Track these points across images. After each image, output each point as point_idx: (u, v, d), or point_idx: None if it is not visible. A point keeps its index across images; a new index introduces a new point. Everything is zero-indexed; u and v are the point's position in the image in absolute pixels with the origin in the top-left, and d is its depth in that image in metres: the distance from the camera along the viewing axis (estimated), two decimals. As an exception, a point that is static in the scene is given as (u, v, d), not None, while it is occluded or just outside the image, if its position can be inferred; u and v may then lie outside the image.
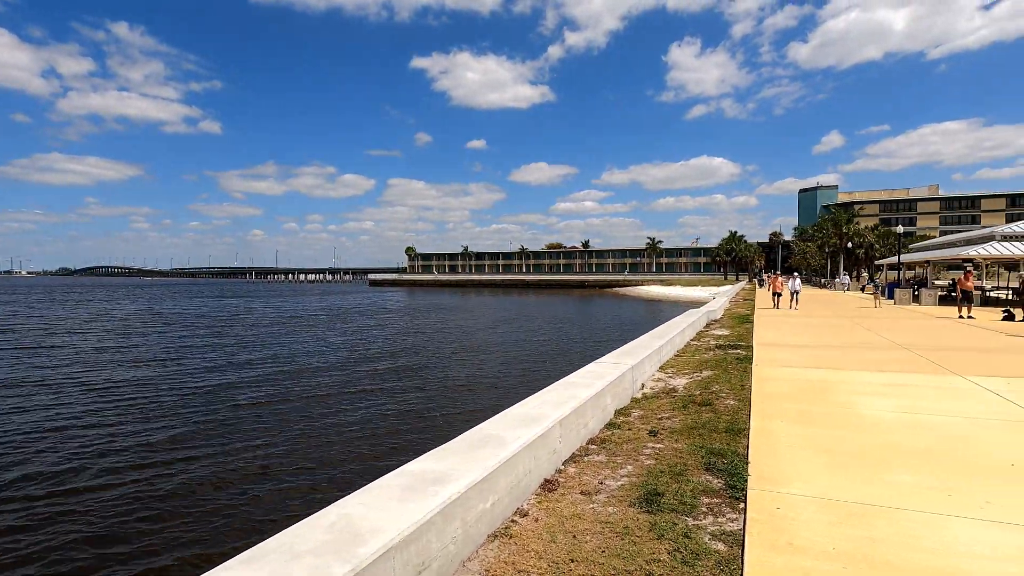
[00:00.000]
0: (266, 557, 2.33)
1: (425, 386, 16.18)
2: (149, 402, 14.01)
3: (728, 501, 3.83)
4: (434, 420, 12.49)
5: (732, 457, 4.63)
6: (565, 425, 4.70)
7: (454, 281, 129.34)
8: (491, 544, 3.26)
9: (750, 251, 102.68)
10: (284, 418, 12.53)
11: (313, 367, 19.46)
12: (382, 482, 3.15)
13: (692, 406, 6.60)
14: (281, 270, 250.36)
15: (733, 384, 7.85)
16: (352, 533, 2.55)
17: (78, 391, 15.17)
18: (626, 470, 4.48)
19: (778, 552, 3.05)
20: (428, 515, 2.75)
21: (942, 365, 9.33)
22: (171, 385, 16.13)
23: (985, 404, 6.58)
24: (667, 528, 3.38)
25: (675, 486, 4.05)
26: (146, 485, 8.62)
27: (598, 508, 3.74)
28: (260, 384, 16.34)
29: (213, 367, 19.20)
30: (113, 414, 12.82)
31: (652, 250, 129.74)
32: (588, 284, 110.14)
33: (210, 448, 10.40)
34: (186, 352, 22.92)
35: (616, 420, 6.05)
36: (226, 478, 8.92)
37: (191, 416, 12.68)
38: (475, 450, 3.71)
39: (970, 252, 27.44)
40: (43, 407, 13.40)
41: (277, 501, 8.06)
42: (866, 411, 6.28)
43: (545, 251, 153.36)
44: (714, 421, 5.84)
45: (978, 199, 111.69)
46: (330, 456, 9.94)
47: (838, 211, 77.17)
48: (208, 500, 8.07)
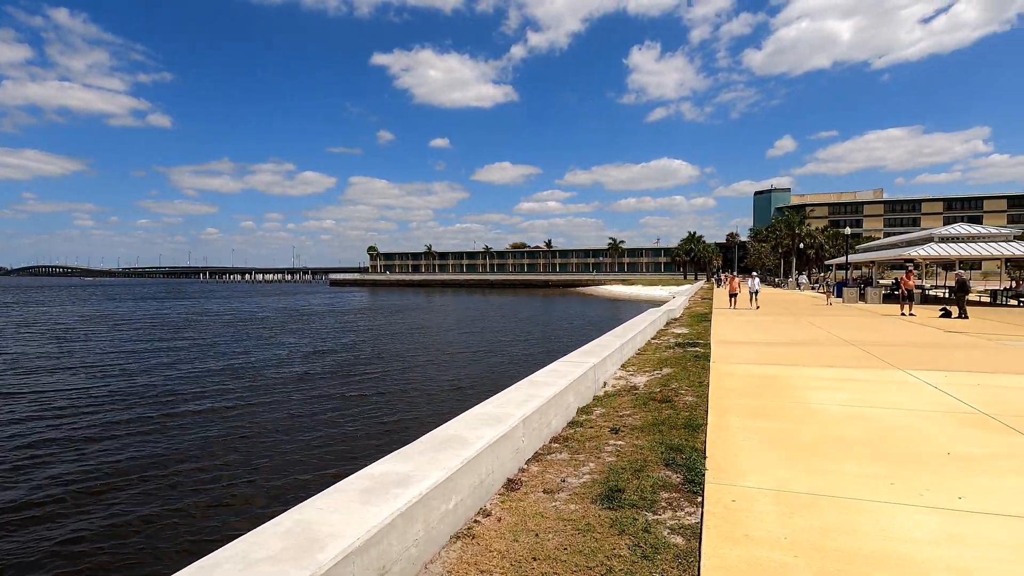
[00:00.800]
0: (220, 567, 2.25)
1: (388, 388, 15.97)
2: (93, 410, 13.36)
3: (686, 495, 3.92)
4: (397, 422, 12.34)
5: (690, 452, 4.74)
6: (528, 424, 4.72)
7: (417, 281, 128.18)
8: (454, 545, 3.25)
9: (708, 251, 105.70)
10: (238, 424, 12.15)
11: (270, 371, 18.94)
12: (342, 485, 3.09)
13: (652, 403, 6.73)
14: (238, 270, 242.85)
15: (692, 381, 8.05)
16: (310, 538, 2.50)
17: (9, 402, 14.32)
18: (588, 467, 4.54)
19: (733, 544, 3.14)
20: (389, 518, 2.71)
21: (886, 360, 9.80)
22: (120, 392, 15.43)
23: (924, 397, 6.95)
24: (627, 523, 3.43)
25: (635, 482, 4.12)
26: (93, 495, 8.21)
27: (560, 506, 3.78)
28: (214, 390, 15.80)
29: (164, 373, 18.47)
30: (54, 419, 12.16)
31: (614, 250, 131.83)
32: (552, 284, 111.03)
33: (159, 456, 9.99)
34: (135, 358, 21.96)
35: (579, 418, 6.11)
36: (178, 485, 8.59)
37: (139, 424, 12.16)
38: (438, 451, 3.69)
39: (911, 253, 28.94)
40: (-24, 415, 12.60)
41: (232, 509, 7.81)
42: (816, 405, 6.55)
43: (509, 251, 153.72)
44: (673, 417, 5.97)
45: (919, 203, 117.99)
46: (289, 461, 9.70)
47: (791, 213, 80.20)
48: (159, 509, 7.75)
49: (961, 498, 3.76)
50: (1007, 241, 28.68)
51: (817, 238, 72.38)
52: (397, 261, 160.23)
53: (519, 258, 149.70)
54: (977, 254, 27.91)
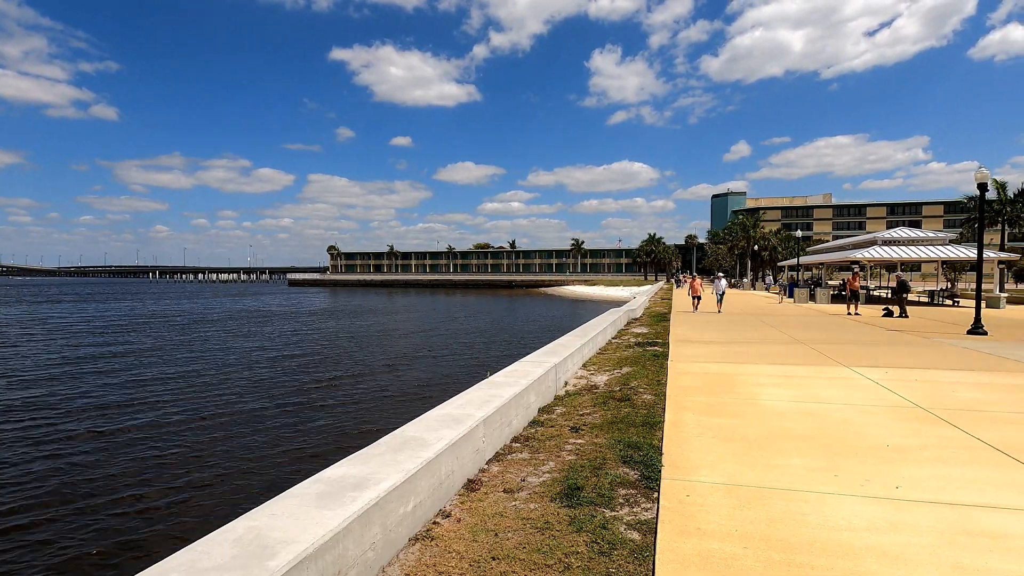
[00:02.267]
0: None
1: (347, 392, 15.69)
2: (33, 418, 12.65)
3: (643, 492, 4.00)
4: (356, 426, 12.14)
5: (648, 449, 4.85)
6: (489, 424, 4.73)
7: (379, 281, 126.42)
8: (412, 547, 3.23)
9: (668, 253, 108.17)
10: (188, 431, 11.72)
11: (220, 376, 18.33)
12: (296, 490, 3.03)
13: (612, 402, 6.84)
14: (190, 269, 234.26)
15: (650, 379, 8.22)
16: (261, 546, 2.43)
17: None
18: (548, 466, 4.58)
19: (687, 537, 3.23)
20: (345, 522, 2.67)
21: (832, 357, 10.25)
22: (59, 399, 14.65)
23: (866, 392, 7.31)
24: (586, 521, 3.48)
25: (594, 480, 4.19)
26: (30, 507, 7.76)
27: (520, 505, 3.80)
28: (158, 396, 15.18)
29: (103, 381, 17.63)
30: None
31: (577, 251, 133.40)
32: (515, 284, 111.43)
33: (101, 464, 9.54)
34: (76, 363, 20.90)
35: (540, 418, 6.16)
36: (123, 494, 8.21)
37: (79, 433, 11.58)
38: (396, 453, 3.65)
39: (856, 255, 30.37)
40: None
41: (182, 518, 7.52)
42: (766, 401, 6.79)
43: (473, 251, 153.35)
44: (632, 415, 6.09)
45: (864, 207, 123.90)
46: (243, 468, 9.41)
47: (746, 216, 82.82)
48: (100, 518, 7.39)
49: (898, 487, 3.97)
50: (943, 245, 30.47)
51: (771, 240, 75.06)
52: (359, 261, 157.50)
53: (483, 258, 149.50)
54: (916, 256, 29.53)
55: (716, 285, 22.71)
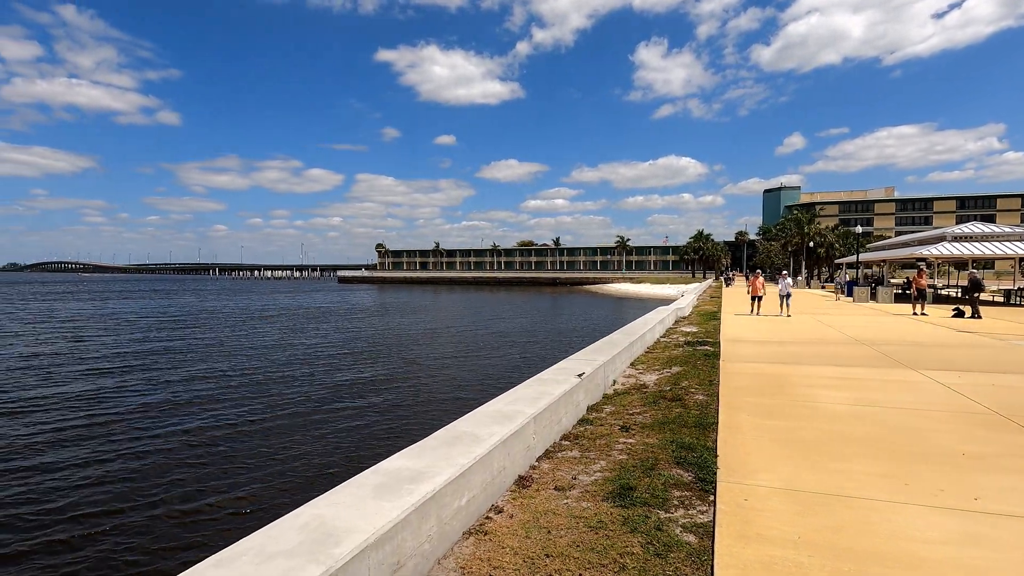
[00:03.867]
0: (238, 560, 2.28)
1: (399, 386, 16.04)
2: (119, 407, 13.53)
3: (698, 494, 3.91)
4: (407, 419, 12.39)
5: (701, 451, 4.73)
6: (539, 422, 4.73)
7: (425, 278, 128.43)
8: (466, 541, 3.26)
9: (717, 250, 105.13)
10: (251, 421, 12.25)
11: (283, 368, 19.08)
12: (356, 481, 3.11)
13: (663, 401, 6.71)
14: (246, 266, 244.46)
15: (702, 379, 8.02)
16: (325, 533, 2.52)
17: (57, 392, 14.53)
18: (599, 465, 4.54)
19: (747, 542, 3.13)
20: (403, 513, 2.73)
21: (896, 359, 9.72)
22: (147, 388, 15.61)
23: (936, 396, 6.89)
24: (639, 521, 3.43)
25: (647, 480, 4.12)
26: (113, 490, 8.31)
27: (572, 503, 3.78)
28: (228, 388, 15.94)
29: (181, 373, 18.66)
30: (82, 418, 12.33)
31: (622, 248, 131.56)
32: (560, 282, 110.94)
33: (175, 452, 10.10)
34: (146, 357, 22.22)
35: (589, 416, 6.11)
36: (193, 481, 8.68)
37: (154, 422, 12.30)
38: (450, 448, 3.71)
39: (923, 252, 28.66)
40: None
41: (247, 503, 7.88)
42: (826, 404, 6.51)
43: (517, 248, 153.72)
44: (684, 416, 5.96)
45: (931, 201, 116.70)
46: (300, 456, 9.77)
47: (800, 211, 79.56)
48: (178, 503, 7.83)
49: (977, 499, 3.73)
50: (1021, 240, 28.33)
51: (827, 236, 71.78)
52: (405, 258, 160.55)
53: (526, 256, 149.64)
54: (991, 253, 27.58)
55: (781, 285, 19.77)
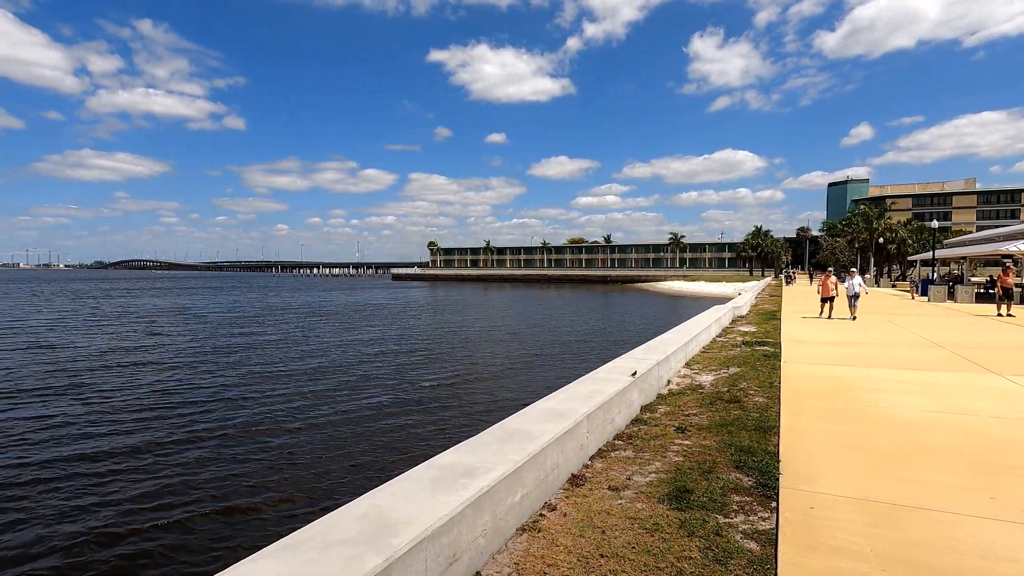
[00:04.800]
0: (302, 545, 2.37)
1: (450, 382, 16.28)
2: (185, 401, 14.41)
3: (759, 499, 3.77)
4: (459, 416, 12.56)
5: (762, 455, 4.56)
6: (592, 420, 4.68)
7: (476, 276, 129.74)
8: (520, 538, 3.27)
9: (776, 246, 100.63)
10: (310, 412, 12.75)
11: (341, 362, 19.75)
12: (412, 474, 3.18)
13: (720, 403, 6.51)
14: (306, 264, 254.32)
15: (761, 381, 7.72)
16: (383, 523, 2.58)
17: (148, 383, 15.68)
18: (654, 466, 4.45)
19: (813, 553, 2.99)
20: (459, 507, 2.76)
21: (979, 364, 9.03)
22: (211, 383, 16.56)
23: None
24: (697, 525, 3.34)
25: (704, 483, 4.01)
26: (181, 476, 8.86)
27: (626, 504, 3.72)
28: (290, 382, 16.66)
29: (245, 367, 19.66)
30: (153, 406, 13.22)
31: (675, 245, 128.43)
32: (611, 279, 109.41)
33: (240, 442, 10.64)
34: (215, 353, 23.50)
35: (642, 416, 6.00)
36: (257, 469, 9.12)
37: (221, 412, 13.00)
38: (503, 444, 3.72)
39: (1010, 247, 26.45)
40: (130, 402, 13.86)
41: (306, 493, 8.21)
42: (899, 410, 6.12)
43: (567, 246, 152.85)
44: (743, 418, 5.76)
45: (1018, 193, 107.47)
46: (355, 449, 10.08)
47: (868, 206, 75.10)
48: (243, 489, 8.25)
49: (1075, 517, 3.41)
50: None
51: (899, 232, 67.50)
52: (456, 256, 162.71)
53: (577, 253, 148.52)
54: (1089, 249, 25.13)
55: (848, 284, 17.29)
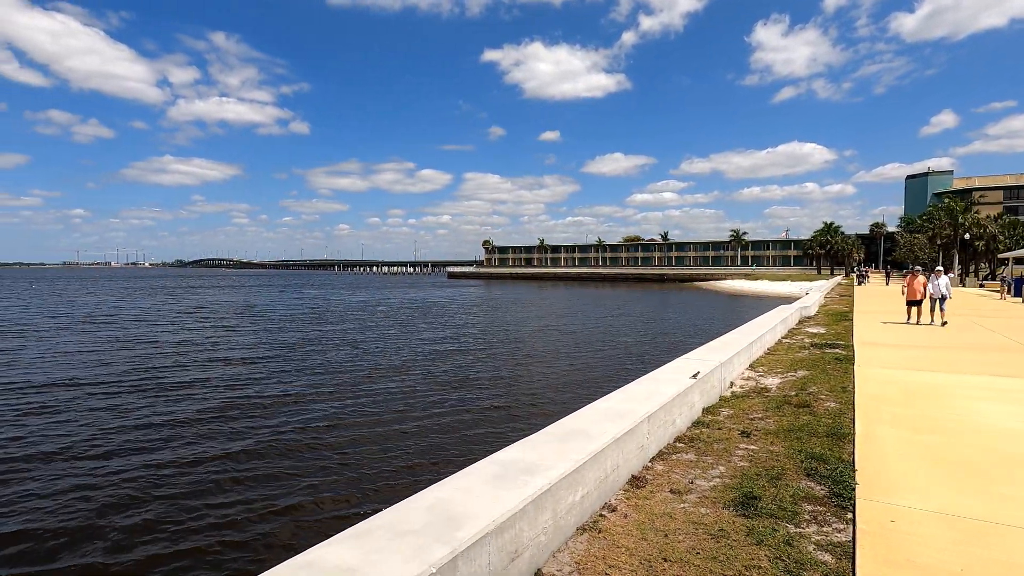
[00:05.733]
0: (373, 533, 2.46)
1: (506, 380, 16.40)
2: (258, 390, 15.23)
3: (833, 510, 3.59)
4: (516, 414, 12.63)
5: (836, 463, 4.33)
6: (652, 422, 4.60)
7: (530, 274, 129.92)
8: (580, 537, 3.26)
9: (847, 244, 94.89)
10: (373, 405, 13.17)
11: (398, 360, 20.30)
12: (474, 469, 3.23)
13: (787, 407, 6.24)
14: (366, 263, 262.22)
15: (833, 385, 7.34)
16: (448, 516, 2.64)
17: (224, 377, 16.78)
18: (718, 471, 4.32)
19: (894, 569, 2.82)
20: (521, 504, 2.78)
21: (1086, 372, 8.21)
22: (278, 377, 17.43)
23: None
24: (766, 534, 3.22)
25: (773, 490, 3.85)
26: (251, 464, 9.37)
27: (689, 508, 3.63)
28: (356, 375, 17.28)
29: (310, 359, 20.53)
30: (239, 396, 14.07)
31: (736, 242, 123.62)
32: (668, 278, 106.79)
33: (309, 432, 11.13)
34: (283, 349, 24.64)
35: (704, 419, 5.84)
36: (328, 459, 9.51)
37: (289, 405, 13.65)
38: (562, 442, 3.72)
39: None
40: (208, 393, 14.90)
41: (370, 484, 8.49)
42: (989, 419, 5.66)
43: (622, 243, 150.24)
44: (813, 424, 5.49)
45: None
46: (416, 443, 10.32)
47: (953, 199, 69.68)
48: (315, 479, 8.63)
49: None
50: None
51: (987, 227, 62.26)
52: (511, 255, 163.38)
53: (632, 251, 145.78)
54: None
55: (933, 285, 15.19)
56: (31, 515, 7.33)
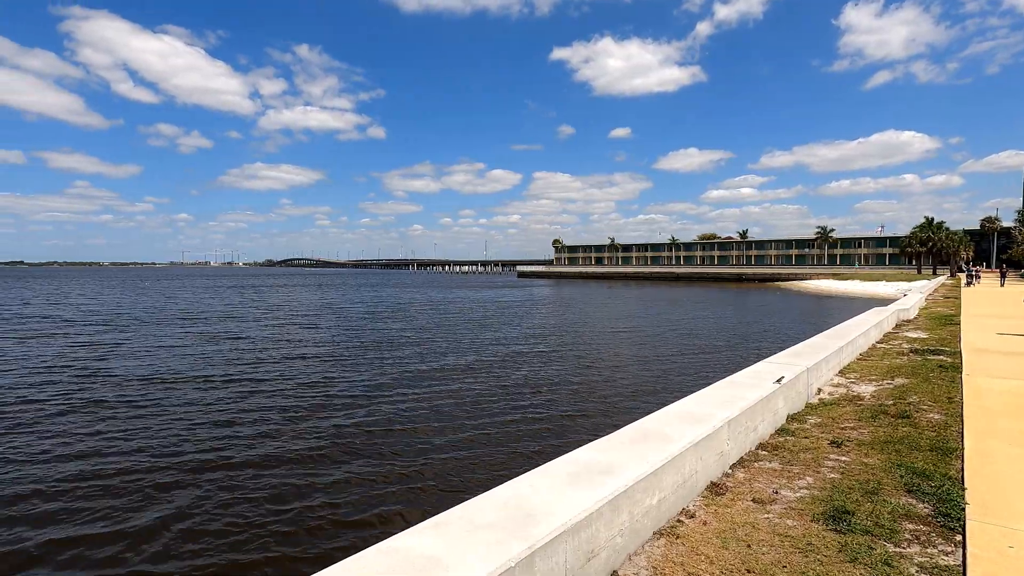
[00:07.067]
0: (451, 525, 2.54)
1: (578, 380, 16.31)
2: (335, 387, 16.07)
3: (939, 530, 3.30)
4: (591, 412, 12.54)
5: (941, 480, 3.98)
6: (733, 427, 4.42)
7: (600, 273, 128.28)
8: (657, 542, 3.19)
9: (953, 240, 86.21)
10: (440, 407, 13.52)
11: (472, 357, 20.71)
12: (549, 468, 3.24)
13: (883, 417, 5.79)
14: (438, 262, 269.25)
15: (936, 395, 6.73)
16: (524, 512, 2.67)
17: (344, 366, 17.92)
18: (805, 481, 4.09)
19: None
20: (597, 504, 2.77)
21: None
22: (354, 374, 18.31)
23: None
24: (861, 551, 3.01)
25: (868, 506, 3.60)
26: (338, 456, 9.90)
27: (774, 519, 3.46)
28: (425, 373, 17.84)
29: (385, 356, 21.37)
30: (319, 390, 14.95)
31: (823, 239, 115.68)
32: (746, 277, 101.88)
33: (389, 427, 11.61)
34: (364, 347, 25.78)
35: (789, 426, 5.54)
36: (403, 452, 9.89)
37: (375, 398, 14.28)
38: (638, 444, 3.66)
39: None
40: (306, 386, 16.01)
41: (446, 478, 8.73)
42: None
43: (697, 242, 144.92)
44: (914, 437, 5.07)
45: None
46: (490, 439, 10.49)
47: (1084, 189, 61.66)
48: (394, 469, 9.00)
49: None
50: None
51: None
52: (580, 254, 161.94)
53: (708, 249, 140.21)
54: None
55: None
56: (150, 506, 8.12)
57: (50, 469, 8.88)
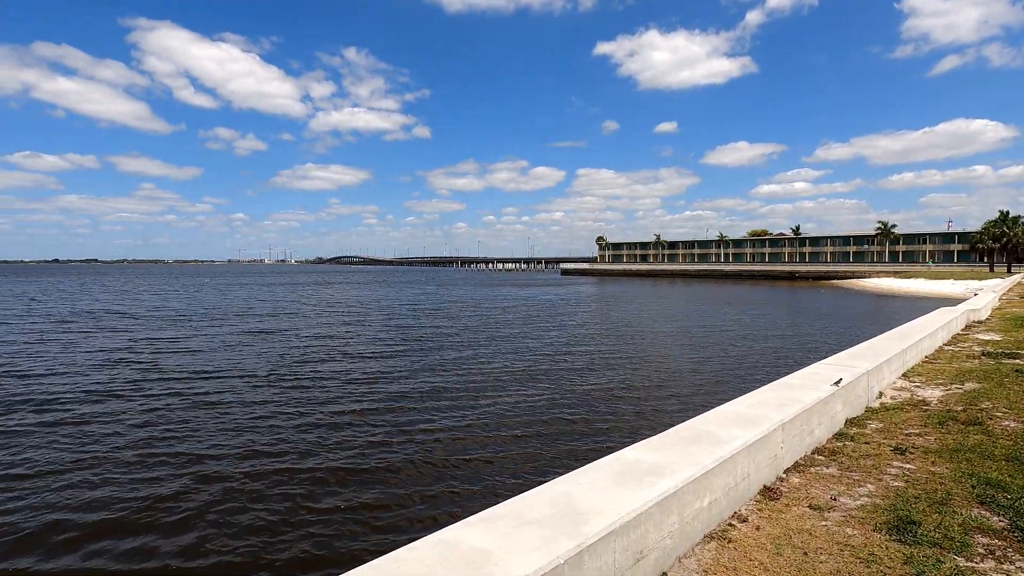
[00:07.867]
0: (501, 519, 2.56)
1: (624, 379, 16.13)
2: (381, 385, 16.46)
3: (1016, 545, 3.09)
4: (639, 412, 12.39)
5: (1019, 492, 3.73)
6: (787, 430, 4.27)
7: (645, 271, 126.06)
8: (708, 545, 3.13)
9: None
10: (490, 404, 13.63)
11: (517, 354, 20.79)
12: (597, 466, 3.22)
13: (952, 424, 5.47)
14: (482, 259, 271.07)
15: (1013, 401, 6.30)
16: (573, 510, 2.66)
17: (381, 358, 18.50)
18: (866, 489, 3.91)
19: (1103, 622, 2.36)
20: (646, 505, 2.73)
21: None
22: (402, 372, 18.71)
23: None
24: (929, 564, 2.86)
25: (936, 517, 3.41)
26: (382, 450, 10.15)
27: (832, 527, 3.33)
28: (472, 370, 18.04)
29: (433, 356, 21.72)
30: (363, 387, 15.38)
31: (883, 236, 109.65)
32: (799, 275, 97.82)
33: (442, 421, 11.81)
34: (421, 339, 26.30)
35: (848, 431, 5.30)
36: (457, 446, 10.05)
37: (427, 397, 14.56)
38: (688, 445, 3.59)
39: None
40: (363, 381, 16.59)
41: (497, 469, 8.83)
42: None
43: (747, 239, 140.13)
44: (987, 445, 4.76)
45: None
46: (537, 436, 10.51)
47: None
48: (448, 463, 9.16)
49: None
50: None
51: None
52: (625, 251, 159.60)
53: (758, 246, 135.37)
54: None
55: None
56: (200, 494, 8.56)
57: (104, 456, 9.41)
